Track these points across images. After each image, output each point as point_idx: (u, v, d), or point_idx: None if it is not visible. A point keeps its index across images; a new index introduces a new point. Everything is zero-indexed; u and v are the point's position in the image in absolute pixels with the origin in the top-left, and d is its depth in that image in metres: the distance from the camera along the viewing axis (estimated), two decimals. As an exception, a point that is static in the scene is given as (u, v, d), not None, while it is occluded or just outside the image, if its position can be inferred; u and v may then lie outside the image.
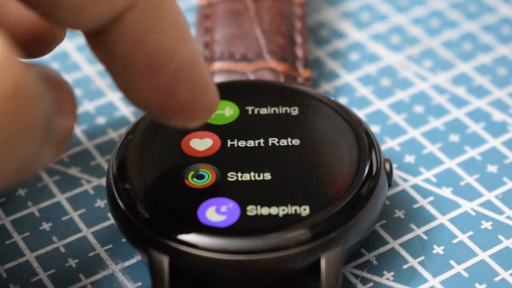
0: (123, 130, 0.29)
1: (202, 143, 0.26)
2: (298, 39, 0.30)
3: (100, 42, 0.21)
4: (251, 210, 0.24)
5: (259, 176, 0.25)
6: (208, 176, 0.25)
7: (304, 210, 0.24)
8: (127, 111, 0.30)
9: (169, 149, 0.25)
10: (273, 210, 0.24)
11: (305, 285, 0.24)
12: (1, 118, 0.18)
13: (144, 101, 0.22)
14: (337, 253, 0.23)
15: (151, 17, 0.21)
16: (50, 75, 0.20)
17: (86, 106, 0.30)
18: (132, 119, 0.30)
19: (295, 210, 0.24)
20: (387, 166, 0.25)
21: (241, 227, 0.23)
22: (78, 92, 0.31)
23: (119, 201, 0.24)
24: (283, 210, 0.24)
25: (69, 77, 0.31)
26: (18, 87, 0.18)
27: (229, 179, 0.25)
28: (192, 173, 0.25)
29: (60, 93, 0.20)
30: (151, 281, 0.23)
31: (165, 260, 0.23)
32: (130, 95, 0.22)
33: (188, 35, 0.21)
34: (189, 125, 0.23)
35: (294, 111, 0.26)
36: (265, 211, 0.24)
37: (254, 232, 0.23)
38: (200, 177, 0.25)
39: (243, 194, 0.24)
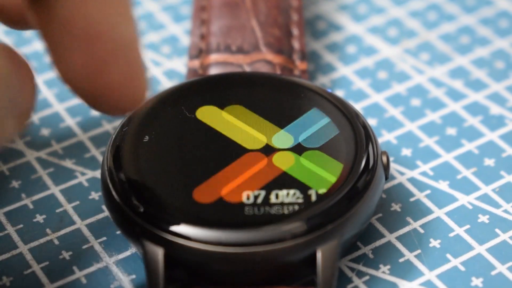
0: (118, 122, 0.29)
1: None
2: (295, 31, 0.30)
3: (40, 3, 0.20)
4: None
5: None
6: None
7: (300, 203, 0.24)
8: (122, 103, 0.30)
9: (164, 141, 0.25)
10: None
11: (301, 278, 0.24)
12: None
13: (75, 76, 0.21)
14: (334, 246, 0.23)
15: None
16: (6, 50, 0.20)
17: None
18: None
19: (291, 202, 0.24)
20: (384, 159, 0.25)
21: (237, 219, 0.23)
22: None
23: (113, 193, 0.24)
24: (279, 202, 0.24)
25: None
26: None
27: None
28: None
29: (17, 66, 0.20)
30: (145, 273, 0.23)
31: (160, 252, 0.23)
32: (62, 68, 0.21)
33: (131, 17, 0.21)
34: (113, 113, 0.22)
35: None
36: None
37: (250, 224, 0.23)
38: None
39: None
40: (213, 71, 0.28)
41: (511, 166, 0.28)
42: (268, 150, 0.25)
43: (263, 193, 0.24)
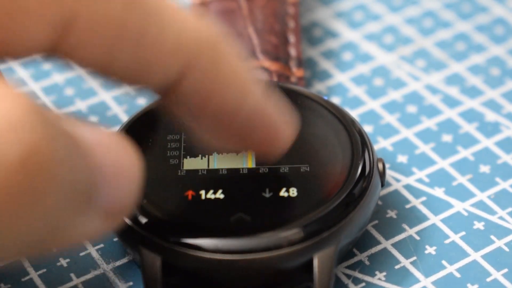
0: (115, 129, 0.29)
1: None
2: (292, 38, 0.30)
3: (172, 103, 0.21)
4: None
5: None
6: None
7: (297, 209, 0.24)
8: (119, 110, 0.30)
9: (162, 148, 0.25)
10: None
11: (298, 284, 0.24)
12: (3, 190, 0.17)
13: (223, 145, 0.23)
14: (330, 252, 0.23)
15: (211, 75, 0.21)
16: (103, 144, 0.19)
17: (78, 105, 0.30)
18: (124, 118, 0.30)
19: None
20: (380, 166, 0.25)
21: (234, 227, 0.23)
22: (70, 91, 0.31)
23: None
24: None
25: (61, 76, 0.31)
26: (28, 159, 0.17)
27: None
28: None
29: (111, 160, 0.19)
30: (143, 281, 0.23)
31: (157, 260, 0.23)
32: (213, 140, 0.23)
33: (253, 83, 0.22)
34: (269, 159, 0.24)
35: None
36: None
37: (247, 231, 0.23)
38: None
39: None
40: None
41: (506, 173, 0.28)
42: None
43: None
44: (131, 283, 0.25)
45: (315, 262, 0.23)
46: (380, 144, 0.29)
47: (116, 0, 0.20)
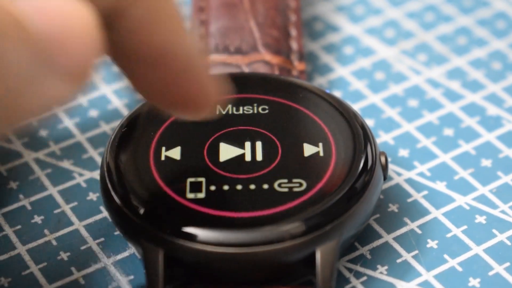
0: (116, 123, 0.29)
1: None
2: (293, 31, 0.30)
3: (109, 37, 0.21)
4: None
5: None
6: None
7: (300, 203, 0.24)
8: (119, 104, 0.30)
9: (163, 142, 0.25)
10: None
11: (300, 278, 0.24)
12: None
13: (147, 94, 0.22)
14: (333, 246, 0.23)
15: (153, 11, 0.21)
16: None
17: (79, 99, 0.30)
18: (125, 112, 0.29)
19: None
20: (383, 159, 0.25)
21: (236, 220, 0.23)
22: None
23: (113, 194, 0.24)
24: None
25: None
26: None
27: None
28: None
29: (57, 23, 0.19)
30: (145, 273, 0.23)
31: (159, 253, 0.23)
32: (135, 87, 0.22)
33: (186, 32, 0.21)
34: (193, 118, 0.23)
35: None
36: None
37: (249, 224, 0.23)
38: None
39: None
40: (212, 72, 0.28)
41: (508, 167, 0.28)
42: None
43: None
44: (132, 277, 0.25)
45: (318, 256, 0.23)
46: (382, 138, 0.29)
47: None
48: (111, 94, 0.30)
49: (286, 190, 0.24)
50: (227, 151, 0.25)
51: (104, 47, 0.20)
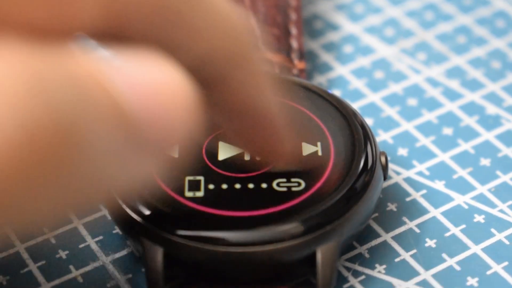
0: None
1: None
2: (293, 30, 0.30)
3: (210, 99, 0.21)
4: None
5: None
6: None
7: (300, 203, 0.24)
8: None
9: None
10: None
11: (300, 278, 0.24)
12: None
13: (235, 143, 0.24)
14: (333, 246, 0.23)
15: (250, 76, 0.22)
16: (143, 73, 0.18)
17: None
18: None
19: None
20: (383, 159, 0.25)
21: (236, 219, 0.23)
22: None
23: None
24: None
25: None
26: (33, 139, 0.16)
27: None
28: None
29: (148, 102, 0.18)
30: (145, 272, 0.23)
31: (159, 252, 0.23)
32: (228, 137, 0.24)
33: (268, 89, 0.23)
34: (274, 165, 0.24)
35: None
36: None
37: (250, 224, 0.23)
38: None
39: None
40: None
41: (507, 166, 0.28)
42: None
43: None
44: (130, 275, 0.25)
45: (318, 256, 0.23)
46: (381, 137, 0.29)
47: None
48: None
49: (284, 189, 0.24)
50: (225, 150, 0.25)
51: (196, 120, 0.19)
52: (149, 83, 0.18)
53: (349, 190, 0.24)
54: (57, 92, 0.16)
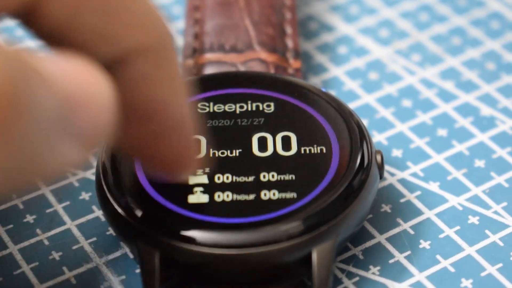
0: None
1: None
2: (288, 29, 0.30)
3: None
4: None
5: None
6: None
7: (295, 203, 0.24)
8: (113, 103, 0.30)
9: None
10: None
11: (296, 278, 0.24)
12: None
13: (126, 147, 0.23)
14: (329, 246, 0.23)
15: (158, 68, 0.21)
16: (72, 65, 0.20)
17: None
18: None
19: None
20: (379, 158, 0.25)
21: (232, 221, 0.23)
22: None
23: (108, 195, 0.24)
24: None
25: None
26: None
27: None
28: None
29: (79, 88, 0.19)
30: (141, 275, 0.23)
31: (155, 254, 0.23)
32: (122, 140, 0.22)
33: (184, 97, 0.22)
34: (170, 178, 0.24)
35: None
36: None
37: (245, 225, 0.23)
38: None
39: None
40: (207, 70, 0.28)
41: (501, 168, 0.28)
42: None
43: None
44: (123, 277, 0.25)
45: (314, 256, 0.23)
46: (375, 138, 0.29)
47: None
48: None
49: (280, 190, 0.24)
50: (222, 152, 0.25)
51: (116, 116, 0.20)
52: (74, 68, 0.19)
53: (345, 189, 0.24)
54: (4, 61, 0.18)
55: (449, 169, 0.28)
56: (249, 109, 0.26)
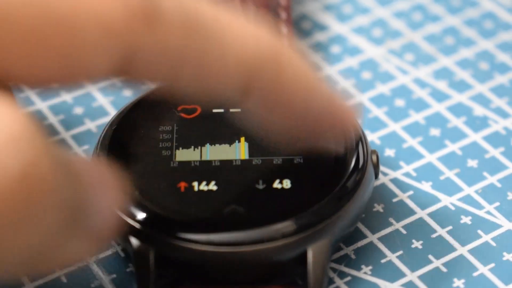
0: (101, 121, 0.29)
1: None
2: (284, 29, 0.30)
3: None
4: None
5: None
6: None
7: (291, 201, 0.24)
8: (104, 102, 0.30)
9: (154, 140, 0.25)
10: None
11: (291, 277, 0.24)
12: (3, 202, 0.18)
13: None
14: (324, 245, 0.23)
15: (275, 86, 0.22)
16: (89, 167, 0.20)
17: (63, 96, 0.30)
18: (110, 109, 0.29)
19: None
20: (374, 157, 0.25)
21: (227, 219, 0.23)
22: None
23: None
24: None
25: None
26: (29, 171, 0.18)
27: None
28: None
29: (96, 181, 0.20)
30: (135, 273, 0.23)
31: (150, 252, 0.23)
32: None
33: (317, 84, 0.22)
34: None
35: None
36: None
37: (241, 223, 0.23)
38: None
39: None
40: None
41: (494, 167, 0.28)
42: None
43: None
44: (114, 275, 0.25)
45: (309, 255, 0.23)
46: (368, 138, 0.29)
47: (176, 31, 0.20)
48: (96, 92, 0.30)
49: (275, 189, 0.24)
50: (217, 151, 0.25)
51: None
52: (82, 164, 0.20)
53: (340, 188, 0.24)
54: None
55: (442, 169, 0.28)
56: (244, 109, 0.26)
